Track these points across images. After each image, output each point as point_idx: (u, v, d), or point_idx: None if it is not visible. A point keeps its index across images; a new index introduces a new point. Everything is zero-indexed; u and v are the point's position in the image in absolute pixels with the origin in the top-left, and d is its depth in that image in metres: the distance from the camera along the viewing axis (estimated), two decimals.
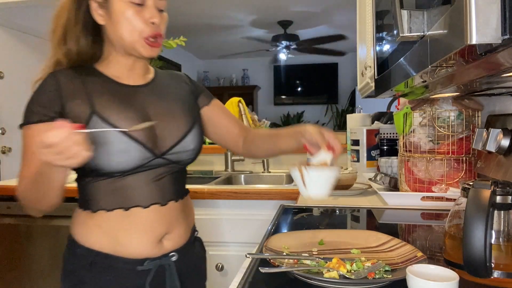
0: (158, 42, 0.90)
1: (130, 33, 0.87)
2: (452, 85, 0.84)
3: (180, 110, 0.97)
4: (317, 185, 0.74)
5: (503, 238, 0.67)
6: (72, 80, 0.88)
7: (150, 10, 0.87)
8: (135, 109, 0.90)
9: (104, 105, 0.87)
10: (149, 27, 0.87)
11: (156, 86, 0.98)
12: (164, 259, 0.92)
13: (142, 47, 0.88)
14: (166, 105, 0.96)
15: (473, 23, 0.43)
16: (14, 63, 3.53)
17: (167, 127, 0.92)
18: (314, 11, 4.78)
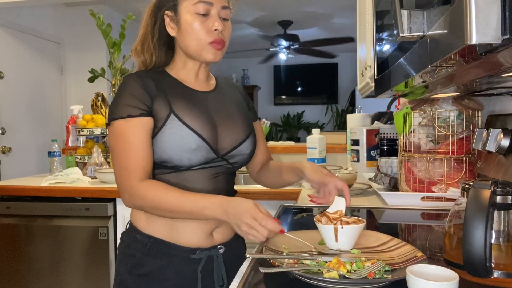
0: (222, 46, 1.00)
1: (197, 41, 0.98)
2: (452, 85, 0.84)
3: (240, 117, 1.07)
4: (348, 239, 0.81)
5: (503, 238, 0.67)
6: (149, 81, 0.98)
7: (213, 19, 0.97)
8: (204, 113, 1.00)
9: (179, 107, 0.97)
10: (213, 34, 0.97)
11: (219, 93, 1.09)
12: (213, 250, 1.00)
13: (207, 53, 0.98)
14: (228, 111, 1.06)
15: (473, 23, 0.43)
16: (14, 63, 3.54)
17: (228, 131, 1.02)
18: (314, 11, 4.78)
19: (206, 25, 0.97)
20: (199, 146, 0.94)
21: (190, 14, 0.96)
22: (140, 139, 0.92)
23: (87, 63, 3.47)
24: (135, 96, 0.94)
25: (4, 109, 3.44)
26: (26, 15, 3.68)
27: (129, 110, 0.92)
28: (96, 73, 2.69)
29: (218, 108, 1.04)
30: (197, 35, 0.97)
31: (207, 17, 0.97)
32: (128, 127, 0.92)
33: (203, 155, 0.95)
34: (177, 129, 0.93)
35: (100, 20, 2.54)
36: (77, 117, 2.49)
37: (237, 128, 1.04)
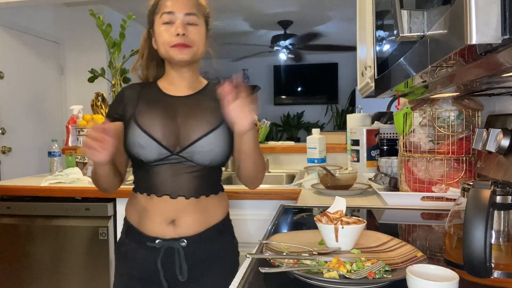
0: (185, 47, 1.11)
1: (162, 45, 1.12)
2: (452, 85, 0.84)
3: (205, 117, 1.13)
4: (348, 239, 0.82)
5: (503, 238, 0.67)
6: (134, 92, 1.18)
7: (176, 25, 1.10)
8: (167, 116, 1.12)
9: (142, 111, 1.12)
10: (175, 39, 1.10)
11: (197, 98, 1.18)
12: (175, 242, 1.09)
13: (172, 54, 1.11)
14: (196, 112, 1.14)
15: (473, 23, 0.43)
16: (14, 63, 3.53)
17: (187, 129, 1.11)
18: (314, 11, 4.78)
19: (170, 31, 1.11)
20: (148, 144, 1.07)
21: (158, 25, 1.12)
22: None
23: (87, 63, 3.47)
24: (114, 105, 1.18)
25: (4, 109, 3.44)
26: (26, 15, 3.68)
27: (107, 115, 1.17)
28: (96, 73, 2.69)
29: (186, 111, 1.14)
30: (162, 40, 1.12)
31: (171, 25, 1.11)
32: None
33: (155, 152, 1.08)
34: (132, 130, 1.10)
35: (100, 20, 2.54)
36: (77, 117, 2.49)
37: (197, 126, 1.11)
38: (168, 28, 1.11)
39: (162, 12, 1.11)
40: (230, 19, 4.99)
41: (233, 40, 5.91)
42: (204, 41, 1.16)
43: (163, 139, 1.08)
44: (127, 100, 1.15)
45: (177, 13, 1.10)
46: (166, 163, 1.09)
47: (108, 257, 1.87)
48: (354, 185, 1.64)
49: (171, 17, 1.10)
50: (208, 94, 1.19)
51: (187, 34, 1.10)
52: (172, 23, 1.10)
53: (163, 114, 1.12)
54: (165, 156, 1.08)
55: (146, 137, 1.08)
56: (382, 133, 1.94)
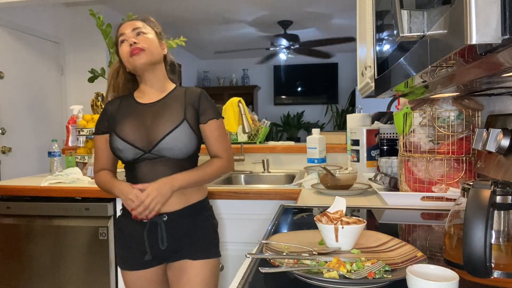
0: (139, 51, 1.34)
1: (125, 59, 1.38)
2: (452, 85, 0.84)
3: (169, 116, 1.35)
4: (348, 239, 0.82)
5: (503, 238, 0.67)
6: (113, 107, 1.42)
7: (128, 40, 1.37)
8: (138, 121, 1.36)
9: (119, 121, 1.37)
10: (129, 48, 1.35)
11: (164, 102, 1.39)
12: (157, 218, 1.31)
13: (132, 61, 1.35)
14: (163, 114, 1.36)
15: (473, 23, 0.43)
16: (14, 63, 3.53)
17: (155, 130, 1.33)
18: (314, 11, 4.78)
19: (125, 46, 1.37)
20: (124, 147, 1.32)
21: (120, 48, 1.40)
22: (100, 148, 1.43)
23: (87, 63, 3.48)
24: (100, 120, 1.43)
25: (4, 109, 3.44)
26: (26, 15, 3.68)
27: (96, 129, 1.43)
28: (96, 73, 2.69)
29: (154, 115, 1.36)
30: (124, 56, 1.38)
31: (126, 42, 1.37)
32: (96, 140, 1.44)
33: (131, 152, 1.32)
34: (112, 138, 1.35)
35: (100, 20, 2.54)
36: (77, 117, 2.49)
37: (162, 127, 1.32)
38: (124, 45, 1.38)
39: (118, 38, 1.40)
40: (231, 20, 4.99)
41: (233, 40, 5.91)
42: (156, 45, 1.39)
43: (136, 142, 1.32)
44: (109, 115, 1.41)
45: (126, 31, 1.38)
46: (145, 159, 1.33)
47: (108, 257, 1.87)
48: (354, 185, 1.64)
49: (123, 36, 1.38)
50: (173, 97, 1.40)
51: (138, 41, 1.35)
52: (125, 40, 1.37)
53: (135, 121, 1.36)
54: (140, 155, 1.33)
55: (122, 142, 1.33)
56: (382, 133, 1.94)
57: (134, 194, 1.26)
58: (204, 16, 4.76)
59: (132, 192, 1.27)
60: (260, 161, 2.49)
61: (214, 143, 1.40)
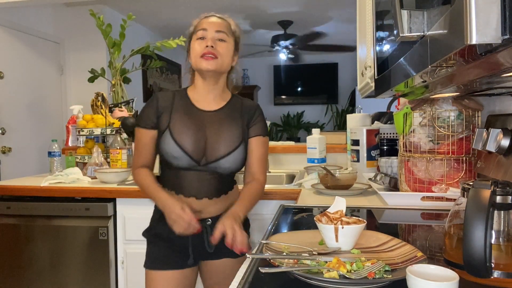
0: (212, 57, 1.28)
1: (194, 56, 1.31)
2: (452, 85, 0.84)
3: (229, 134, 1.32)
4: (348, 239, 0.82)
5: (503, 238, 0.67)
6: (167, 101, 1.34)
7: (207, 40, 1.29)
8: (196, 130, 1.30)
9: (176, 123, 1.30)
10: (205, 49, 1.28)
11: (223, 113, 1.36)
12: (202, 222, 1.28)
13: (201, 63, 1.28)
14: (221, 128, 1.33)
15: (473, 23, 0.43)
16: (14, 63, 3.53)
17: (214, 148, 1.30)
18: (314, 11, 4.78)
19: (202, 44, 1.29)
20: (180, 156, 1.27)
21: (194, 41, 1.32)
22: (145, 144, 1.34)
23: (87, 63, 3.47)
24: (149, 113, 1.33)
25: (4, 109, 3.44)
26: (26, 15, 3.68)
27: (143, 122, 1.33)
28: (96, 73, 2.69)
29: (214, 128, 1.32)
30: (195, 52, 1.30)
31: (204, 40, 1.30)
32: (141, 134, 1.34)
33: (185, 162, 1.28)
34: (167, 140, 1.28)
35: (100, 20, 2.54)
36: (77, 117, 2.49)
37: (222, 145, 1.30)
38: (200, 42, 1.30)
39: (197, 29, 1.32)
40: None
41: None
42: (230, 56, 1.34)
43: (193, 153, 1.28)
44: (162, 110, 1.32)
45: (209, 29, 1.30)
46: (193, 170, 1.30)
47: (108, 257, 1.87)
48: (354, 185, 1.64)
49: (204, 33, 1.30)
50: (231, 108, 1.37)
51: (216, 47, 1.29)
52: (205, 38, 1.29)
53: (194, 129, 1.30)
54: (193, 166, 1.29)
55: (179, 150, 1.27)
56: (382, 133, 1.94)
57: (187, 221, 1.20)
58: None
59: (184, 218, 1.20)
60: None
61: (258, 161, 1.37)
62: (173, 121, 1.30)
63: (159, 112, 1.32)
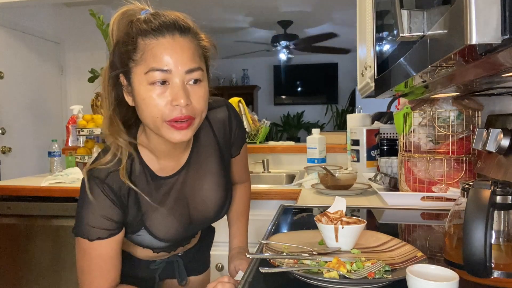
0: (188, 123, 0.80)
1: (151, 118, 0.80)
2: (452, 85, 0.84)
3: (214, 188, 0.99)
4: (348, 239, 0.81)
5: (503, 238, 0.67)
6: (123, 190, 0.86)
7: (174, 90, 0.78)
8: (176, 213, 0.94)
9: (151, 218, 0.90)
10: (173, 110, 0.78)
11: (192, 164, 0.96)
12: (172, 257, 1.08)
13: (168, 133, 0.81)
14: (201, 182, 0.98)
15: (473, 23, 0.43)
16: (14, 63, 3.53)
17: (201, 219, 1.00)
18: (314, 11, 4.78)
19: (164, 97, 0.78)
20: (166, 246, 0.97)
21: (142, 85, 0.78)
22: (108, 257, 0.85)
23: (87, 63, 3.47)
24: (104, 217, 0.83)
25: (4, 109, 3.44)
26: (26, 15, 3.68)
27: (97, 233, 0.83)
28: (96, 73, 2.69)
29: (191, 187, 0.96)
30: (150, 112, 0.79)
31: (166, 86, 0.78)
32: (95, 249, 0.84)
33: (171, 246, 1.00)
34: (147, 238, 0.92)
35: (100, 20, 2.54)
36: (77, 117, 2.49)
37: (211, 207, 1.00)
38: (160, 93, 0.78)
39: (151, 67, 0.77)
40: (231, 19, 4.99)
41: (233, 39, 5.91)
42: (207, 97, 0.86)
43: (180, 237, 0.97)
44: (121, 200, 0.85)
45: (176, 71, 0.78)
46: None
47: None
48: (354, 185, 1.64)
49: (166, 76, 0.78)
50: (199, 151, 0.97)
51: (191, 102, 0.80)
52: (167, 83, 0.78)
53: (174, 213, 0.93)
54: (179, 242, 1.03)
55: (164, 244, 0.95)
56: (382, 133, 1.94)
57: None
58: (204, 16, 4.75)
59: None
60: (260, 161, 2.49)
61: (242, 169, 1.16)
62: (145, 216, 0.89)
63: (122, 206, 0.86)
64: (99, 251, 0.84)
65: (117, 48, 0.83)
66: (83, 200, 0.84)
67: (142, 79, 0.79)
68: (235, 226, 1.20)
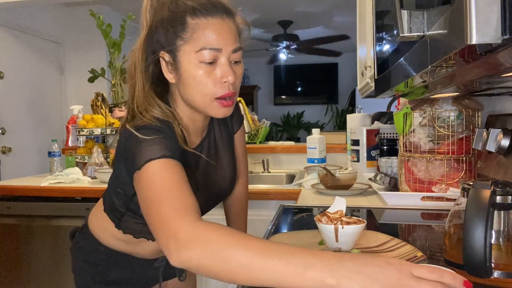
0: (232, 100, 0.85)
1: (201, 96, 0.83)
2: (452, 85, 0.84)
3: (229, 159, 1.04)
4: (348, 239, 0.81)
5: (503, 238, 0.67)
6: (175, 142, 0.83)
7: (222, 68, 0.82)
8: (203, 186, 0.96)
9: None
10: (222, 88, 0.82)
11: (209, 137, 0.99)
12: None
13: (215, 109, 0.84)
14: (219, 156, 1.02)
15: (473, 23, 0.43)
16: (14, 63, 3.53)
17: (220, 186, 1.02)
18: (314, 11, 4.78)
19: (213, 76, 0.82)
20: None
21: (192, 62, 0.81)
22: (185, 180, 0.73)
23: (87, 63, 3.47)
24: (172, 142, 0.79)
25: (4, 109, 3.44)
26: (26, 15, 3.68)
27: (171, 151, 0.76)
28: (96, 73, 2.69)
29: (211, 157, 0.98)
30: (201, 90, 0.82)
31: (214, 65, 0.82)
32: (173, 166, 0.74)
33: None
34: None
35: (100, 20, 2.54)
36: (77, 117, 2.49)
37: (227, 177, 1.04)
38: (211, 72, 0.81)
39: (203, 47, 0.80)
40: None
41: None
42: None
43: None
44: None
45: (225, 50, 0.82)
46: None
47: None
48: (354, 185, 1.64)
49: (216, 55, 0.81)
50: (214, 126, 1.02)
51: (235, 80, 0.84)
52: (217, 63, 0.82)
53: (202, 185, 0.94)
54: None
55: None
56: (382, 133, 1.94)
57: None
58: None
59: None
60: (260, 161, 2.49)
61: (240, 156, 1.15)
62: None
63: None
64: (170, 170, 0.72)
65: (161, 26, 0.83)
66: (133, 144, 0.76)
67: (192, 57, 0.81)
68: (233, 225, 1.20)
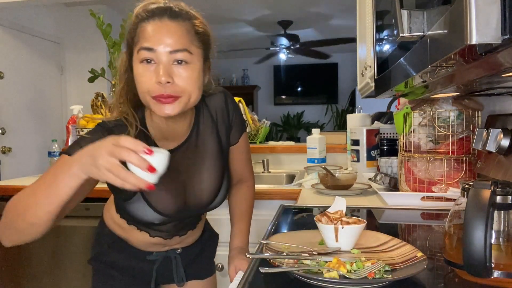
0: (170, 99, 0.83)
1: (142, 94, 0.86)
2: (452, 85, 0.84)
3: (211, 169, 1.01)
4: (348, 239, 0.81)
5: (503, 238, 0.67)
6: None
7: (157, 68, 0.83)
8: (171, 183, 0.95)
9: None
10: (156, 87, 0.83)
11: (191, 141, 1.00)
12: (171, 252, 1.10)
13: (156, 108, 0.85)
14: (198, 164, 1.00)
15: (473, 23, 0.43)
16: (14, 63, 3.54)
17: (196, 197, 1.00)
18: (314, 11, 4.78)
19: (149, 74, 0.83)
20: (161, 221, 0.96)
21: (136, 63, 0.86)
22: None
23: (87, 63, 3.47)
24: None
25: (4, 109, 3.44)
26: (26, 15, 3.68)
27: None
28: (96, 73, 2.69)
29: (188, 165, 0.98)
30: (140, 88, 0.85)
31: (153, 65, 0.83)
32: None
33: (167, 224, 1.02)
34: (141, 208, 0.93)
35: (100, 20, 2.54)
36: (77, 117, 2.49)
37: (205, 190, 1.00)
38: (146, 69, 0.83)
39: (140, 46, 0.83)
40: (231, 19, 4.99)
41: (233, 40, 5.91)
42: (200, 84, 0.88)
43: (177, 213, 0.97)
44: None
45: (160, 50, 0.82)
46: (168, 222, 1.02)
47: None
48: (354, 185, 1.64)
49: (151, 54, 0.83)
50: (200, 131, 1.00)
51: (174, 81, 0.83)
52: (153, 62, 0.83)
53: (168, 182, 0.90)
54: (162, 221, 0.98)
55: (159, 217, 0.95)
56: (382, 133, 1.94)
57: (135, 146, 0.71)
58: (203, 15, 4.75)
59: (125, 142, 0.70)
60: (260, 161, 2.49)
61: (244, 164, 1.17)
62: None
63: None
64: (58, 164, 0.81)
65: (128, 34, 0.90)
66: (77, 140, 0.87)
67: (136, 57, 0.86)
68: (236, 226, 1.20)
